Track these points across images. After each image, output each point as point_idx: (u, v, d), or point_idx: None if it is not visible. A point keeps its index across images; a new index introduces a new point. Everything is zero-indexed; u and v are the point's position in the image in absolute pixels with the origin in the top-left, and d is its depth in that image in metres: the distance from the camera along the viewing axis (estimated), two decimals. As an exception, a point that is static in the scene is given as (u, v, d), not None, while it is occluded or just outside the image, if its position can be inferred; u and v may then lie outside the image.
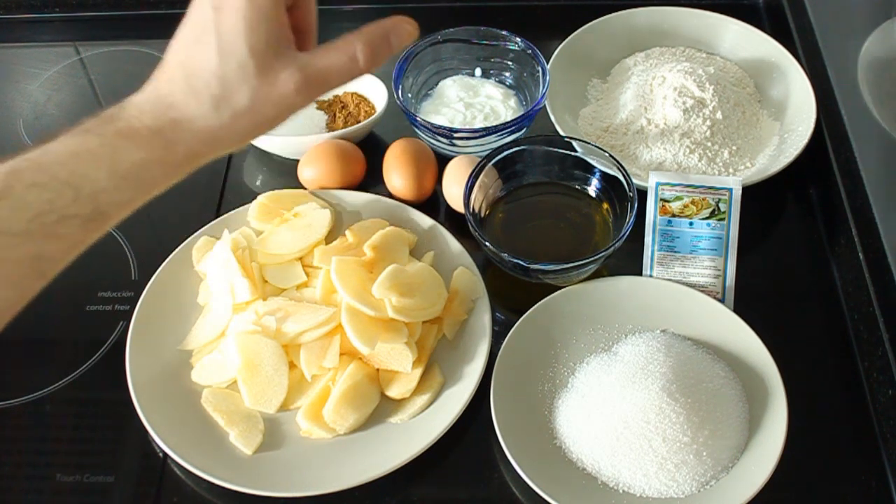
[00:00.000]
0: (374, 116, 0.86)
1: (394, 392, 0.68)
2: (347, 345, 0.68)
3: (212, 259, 0.75)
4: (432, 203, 0.83)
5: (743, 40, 0.93)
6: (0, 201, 0.42)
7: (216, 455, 0.65)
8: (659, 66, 0.88)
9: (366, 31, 0.51)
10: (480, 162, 0.76)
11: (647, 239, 0.75)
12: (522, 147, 0.78)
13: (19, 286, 0.44)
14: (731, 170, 0.82)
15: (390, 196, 0.81)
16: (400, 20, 0.52)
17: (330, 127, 0.87)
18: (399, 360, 0.68)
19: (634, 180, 0.74)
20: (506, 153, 0.78)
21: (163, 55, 0.49)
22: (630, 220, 0.72)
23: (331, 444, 0.66)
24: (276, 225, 0.77)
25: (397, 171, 0.80)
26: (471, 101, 0.87)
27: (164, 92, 0.48)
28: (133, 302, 0.73)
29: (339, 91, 0.90)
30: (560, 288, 0.73)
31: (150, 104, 0.48)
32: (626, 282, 0.74)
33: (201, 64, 0.47)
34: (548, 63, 0.85)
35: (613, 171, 0.76)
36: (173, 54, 0.49)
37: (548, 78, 0.83)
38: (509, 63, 0.89)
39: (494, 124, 0.83)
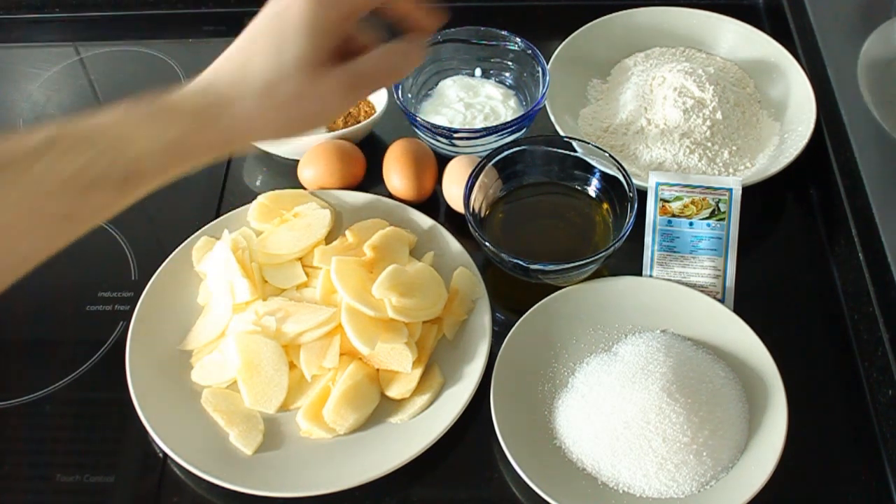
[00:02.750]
0: (374, 116, 0.86)
1: (394, 392, 0.68)
2: (347, 345, 0.68)
3: (212, 259, 0.75)
4: (432, 203, 0.83)
5: (743, 40, 0.92)
6: (38, 160, 0.44)
7: (216, 455, 0.65)
8: (659, 66, 0.88)
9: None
10: (480, 162, 0.76)
11: (647, 239, 0.75)
12: (522, 147, 0.78)
13: (45, 240, 0.46)
14: (731, 170, 0.82)
15: (390, 196, 0.81)
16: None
17: (330, 127, 0.87)
18: (399, 360, 0.68)
19: (634, 180, 0.74)
20: (506, 153, 0.78)
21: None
22: (630, 220, 0.72)
23: (331, 444, 0.66)
24: (276, 225, 0.77)
25: (397, 171, 0.80)
26: (471, 101, 0.87)
27: (212, 79, 0.50)
28: (133, 302, 0.73)
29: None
30: (560, 288, 0.73)
31: (195, 91, 0.50)
32: (625, 282, 0.74)
33: (256, 56, 0.49)
34: (548, 63, 0.85)
35: (613, 171, 0.76)
36: (226, 55, 0.51)
37: (548, 78, 0.83)
38: (509, 63, 0.89)
39: (494, 124, 0.83)
